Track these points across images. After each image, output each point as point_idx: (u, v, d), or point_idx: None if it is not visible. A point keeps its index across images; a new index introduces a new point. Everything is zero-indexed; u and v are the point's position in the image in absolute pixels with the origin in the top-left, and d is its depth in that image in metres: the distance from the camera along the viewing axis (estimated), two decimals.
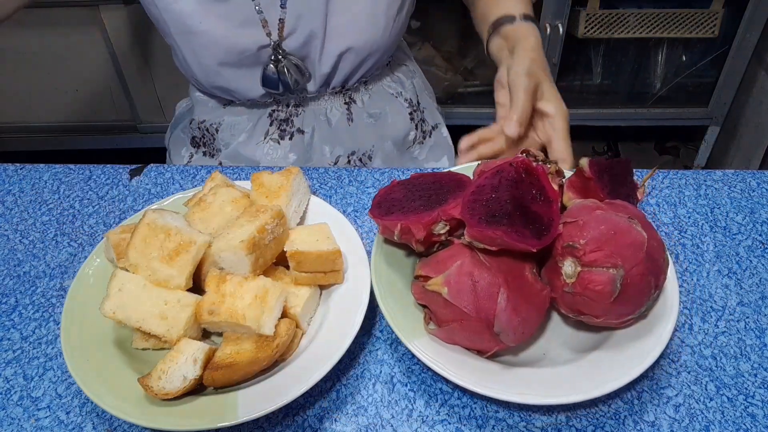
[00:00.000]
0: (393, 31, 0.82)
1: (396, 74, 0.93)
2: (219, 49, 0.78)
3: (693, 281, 0.62)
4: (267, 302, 0.51)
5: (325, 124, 0.88)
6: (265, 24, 0.76)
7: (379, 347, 0.57)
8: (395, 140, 0.92)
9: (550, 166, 0.57)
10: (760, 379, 0.54)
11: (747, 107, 1.76)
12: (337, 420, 0.52)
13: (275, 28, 0.77)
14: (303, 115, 0.87)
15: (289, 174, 0.62)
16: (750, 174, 0.74)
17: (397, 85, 0.92)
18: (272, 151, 0.88)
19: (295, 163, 0.88)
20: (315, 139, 0.88)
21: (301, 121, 0.87)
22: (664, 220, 0.69)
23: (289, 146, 0.88)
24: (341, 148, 0.89)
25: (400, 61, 0.95)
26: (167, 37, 0.81)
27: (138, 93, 1.80)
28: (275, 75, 0.80)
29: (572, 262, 0.50)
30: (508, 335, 0.49)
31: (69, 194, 0.75)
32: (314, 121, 0.88)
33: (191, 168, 0.77)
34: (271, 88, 0.82)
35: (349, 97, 0.88)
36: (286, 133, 0.87)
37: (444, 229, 0.54)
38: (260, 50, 0.78)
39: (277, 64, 0.79)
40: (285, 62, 0.79)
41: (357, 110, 0.89)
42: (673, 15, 1.62)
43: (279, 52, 0.79)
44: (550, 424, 0.52)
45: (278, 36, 0.78)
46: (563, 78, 1.79)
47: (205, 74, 0.81)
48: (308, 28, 0.77)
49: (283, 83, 0.81)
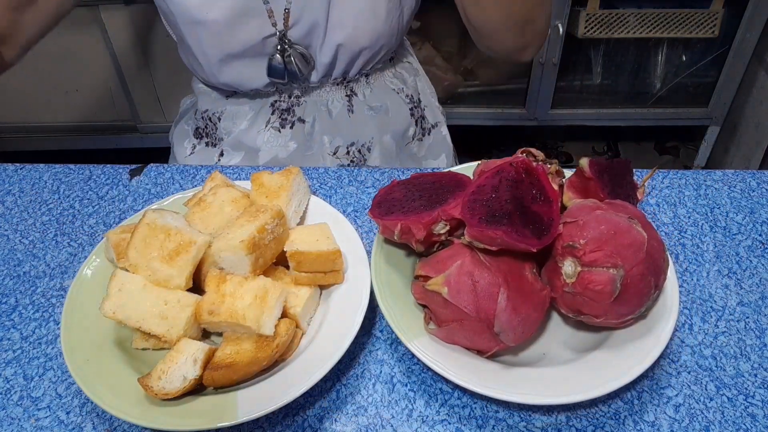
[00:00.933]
0: (393, 24, 0.82)
1: (398, 70, 0.94)
2: (225, 40, 0.78)
3: (693, 281, 0.62)
4: (267, 302, 0.51)
5: (326, 114, 0.89)
6: (271, 14, 0.77)
7: (379, 347, 0.57)
8: (395, 134, 0.92)
9: (550, 166, 0.57)
10: (760, 379, 0.54)
11: (747, 107, 1.76)
12: (337, 420, 0.52)
13: (281, 18, 0.78)
14: (305, 105, 0.88)
15: (289, 174, 0.62)
16: (750, 174, 0.74)
17: (398, 81, 0.93)
18: (273, 139, 0.89)
19: (295, 150, 0.89)
20: (315, 128, 0.89)
21: (302, 110, 0.88)
22: (664, 220, 0.69)
23: (290, 134, 0.89)
24: (341, 138, 0.90)
25: (402, 57, 0.96)
26: (174, 29, 0.82)
27: (138, 93, 1.80)
28: (281, 65, 0.81)
29: (572, 262, 0.50)
30: (508, 335, 0.49)
31: (69, 194, 0.75)
32: (315, 111, 0.89)
33: (191, 168, 0.77)
34: (276, 77, 0.82)
35: (351, 90, 0.89)
36: (287, 122, 0.88)
37: (444, 229, 0.54)
38: (265, 40, 0.79)
39: (283, 54, 0.80)
40: (291, 51, 0.80)
41: (358, 102, 0.89)
42: (673, 15, 1.62)
43: (285, 41, 0.80)
44: (550, 424, 0.52)
45: (283, 26, 0.78)
46: (563, 78, 1.79)
47: (210, 67, 0.82)
48: (312, 17, 0.78)
49: (290, 72, 0.81)
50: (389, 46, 0.85)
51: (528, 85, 1.79)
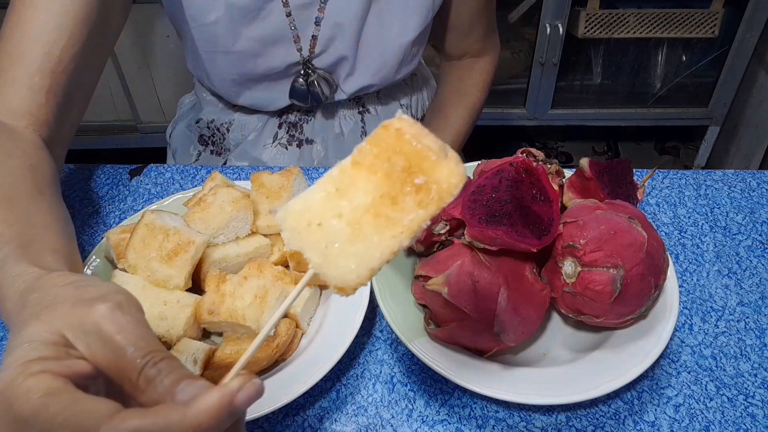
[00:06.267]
0: (417, 57, 0.83)
1: (407, 83, 0.94)
2: (248, 67, 0.77)
3: (693, 281, 0.62)
4: (267, 302, 0.51)
5: (335, 135, 0.88)
6: (297, 39, 0.76)
7: (379, 347, 0.57)
8: None
9: (550, 166, 0.57)
10: (760, 379, 0.54)
11: (747, 107, 1.76)
12: (337, 420, 0.52)
13: (307, 43, 0.76)
14: (313, 122, 0.87)
15: (289, 174, 0.62)
16: (750, 174, 0.74)
17: (407, 98, 0.93)
18: (279, 156, 0.88)
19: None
20: (325, 151, 0.88)
21: (311, 128, 0.87)
22: (664, 220, 0.69)
23: (298, 154, 0.88)
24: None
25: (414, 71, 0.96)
26: (189, 45, 0.80)
27: (138, 93, 1.80)
28: (304, 87, 0.80)
29: (572, 262, 0.50)
30: (508, 335, 0.49)
31: (69, 194, 0.75)
32: (325, 131, 0.88)
33: (191, 168, 0.77)
34: (299, 100, 0.81)
35: (363, 105, 0.88)
36: (294, 139, 0.88)
37: (444, 229, 0.54)
38: (288, 67, 0.78)
39: (306, 78, 0.79)
40: (314, 76, 0.79)
41: (370, 120, 0.89)
42: (673, 15, 1.63)
43: (309, 66, 0.79)
44: (550, 424, 0.52)
45: (309, 52, 0.77)
46: (563, 78, 1.79)
47: (227, 89, 0.81)
48: (340, 50, 0.77)
49: (313, 95, 0.80)
50: (407, 72, 0.85)
51: (528, 85, 1.79)
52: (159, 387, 0.30)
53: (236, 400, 0.29)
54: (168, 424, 0.28)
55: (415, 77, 0.95)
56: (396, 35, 0.77)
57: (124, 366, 0.31)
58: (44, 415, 0.28)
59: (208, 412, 0.28)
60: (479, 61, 0.93)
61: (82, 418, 0.28)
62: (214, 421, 0.29)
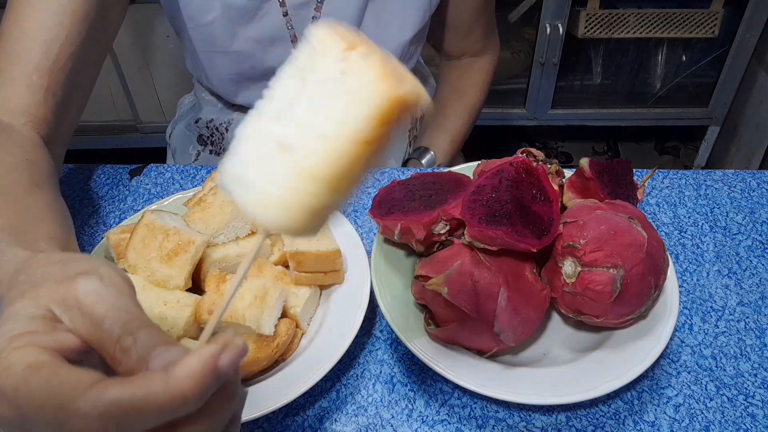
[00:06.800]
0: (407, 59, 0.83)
1: None
2: (245, 67, 0.77)
3: (693, 281, 0.62)
4: (267, 302, 0.51)
5: None
6: (295, 39, 0.76)
7: (379, 347, 0.57)
8: (396, 156, 0.92)
9: (550, 166, 0.57)
10: (760, 379, 0.54)
11: (747, 107, 1.76)
12: (337, 420, 0.52)
13: None
14: None
15: None
16: (750, 174, 0.74)
17: None
18: None
19: None
20: None
21: None
22: (664, 220, 0.69)
23: None
24: None
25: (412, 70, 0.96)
26: (187, 45, 0.80)
27: (138, 93, 1.80)
28: None
29: (572, 262, 0.50)
30: (508, 335, 0.49)
31: (69, 194, 0.75)
32: None
33: (191, 168, 0.77)
34: None
35: None
36: None
37: (444, 229, 0.54)
38: None
39: None
40: None
41: None
42: (673, 15, 1.62)
43: None
44: (550, 424, 0.52)
45: None
46: (563, 78, 1.79)
47: (225, 88, 0.81)
48: None
49: None
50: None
51: (528, 85, 1.79)
52: (134, 355, 0.28)
53: (221, 363, 0.26)
54: (148, 394, 0.25)
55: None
56: (393, 34, 0.77)
57: (102, 338, 0.29)
58: (24, 389, 0.27)
59: (192, 379, 0.26)
60: (479, 61, 0.93)
61: (60, 389, 0.26)
62: (198, 390, 0.26)
